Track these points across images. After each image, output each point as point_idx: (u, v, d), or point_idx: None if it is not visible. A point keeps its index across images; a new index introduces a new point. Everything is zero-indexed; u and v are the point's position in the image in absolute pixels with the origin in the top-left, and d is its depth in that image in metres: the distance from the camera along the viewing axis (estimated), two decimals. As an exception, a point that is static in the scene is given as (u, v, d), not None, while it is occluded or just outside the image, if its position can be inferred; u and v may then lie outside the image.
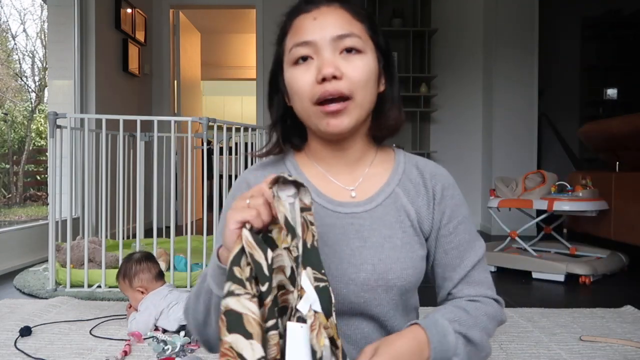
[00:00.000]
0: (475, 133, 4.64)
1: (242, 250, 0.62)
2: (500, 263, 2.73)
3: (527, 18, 4.26)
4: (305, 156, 0.86)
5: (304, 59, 0.74)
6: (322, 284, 0.65)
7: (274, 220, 0.66)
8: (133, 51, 4.05)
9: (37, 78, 4.02)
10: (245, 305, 0.59)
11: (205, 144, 2.69)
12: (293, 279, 0.64)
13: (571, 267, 2.48)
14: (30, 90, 4.13)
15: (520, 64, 4.27)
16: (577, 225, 3.24)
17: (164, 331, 1.64)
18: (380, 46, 0.78)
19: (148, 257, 1.80)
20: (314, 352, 0.61)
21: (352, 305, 0.75)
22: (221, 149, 2.46)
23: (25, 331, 1.62)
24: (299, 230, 0.64)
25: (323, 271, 0.66)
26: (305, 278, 0.64)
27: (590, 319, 1.88)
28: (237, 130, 2.72)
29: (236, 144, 2.88)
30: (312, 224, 0.67)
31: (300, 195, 0.66)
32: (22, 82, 4.08)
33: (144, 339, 1.59)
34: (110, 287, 2.23)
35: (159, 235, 3.06)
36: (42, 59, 3.94)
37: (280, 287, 0.64)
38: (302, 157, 0.86)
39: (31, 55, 4.07)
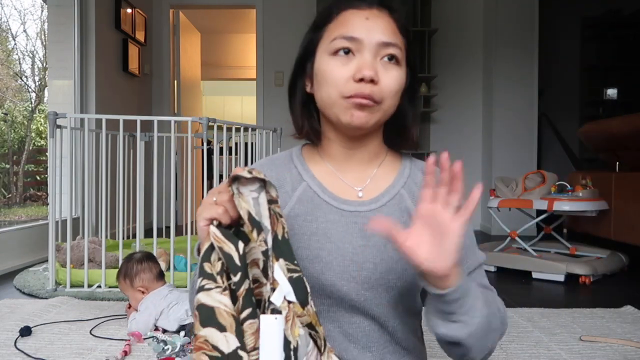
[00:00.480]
0: (475, 133, 4.64)
1: (212, 246, 0.63)
2: (500, 263, 2.73)
3: (527, 18, 4.26)
4: (317, 153, 0.86)
5: (346, 52, 0.74)
6: (295, 275, 0.66)
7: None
8: (133, 51, 4.05)
9: (37, 78, 4.02)
10: (217, 299, 0.60)
11: (205, 144, 2.69)
12: (266, 272, 0.65)
13: (571, 267, 2.48)
14: (30, 90, 4.13)
15: (520, 64, 4.27)
16: (577, 225, 3.24)
17: (164, 331, 1.64)
18: (410, 63, 0.80)
19: (149, 257, 1.80)
20: (288, 343, 0.62)
21: (352, 303, 0.76)
22: (221, 149, 2.46)
23: (25, 331, 1.62)
24: (266, 223, 0.65)
25: (295, 262, 0.67)
26: (278, 270, 0.65)
27: (590, 319, 1.88)
28: (237, 130, 2.72)
29: (236, 144, 2.88)
30: (280, 215, 0.67)
31: (267, 188, 0.66)
32: (22, 82, 4.08)
33: (144, 339, 1.59)
34: (110, 287, 2.23)
35: (159, 235, 3.06)
36: (42, 59, 3.94)
37: (255, 280, 0.65)
38: (312, 153, 0.87)
39: (31, 55, 4.07)
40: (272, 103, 4.62)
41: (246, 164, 2.94)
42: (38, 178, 4.20)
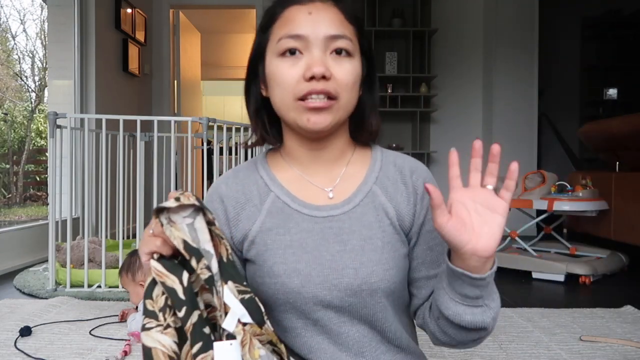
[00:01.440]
0: (475, 133, 4.64)
1: (155, 281, 0.60)
2: (500, 263, 2.73)
3: (527, 18, 4.26)
4: (280, 157, 0.83)
5: (292, 52, 0.71)
6: (247, 296, 0.63)
7: None
8: (133, 51, 4.05)
9: (37, 78, 4.02)
10: (155, 338, 0.58)
11: (205, 144, 2.70)
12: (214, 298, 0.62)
13: (571, 267, 2.48)
14: (30, 90, 4.13)
15: (520, 64, 4.27)
16: (577, 225, 3.24)
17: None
18: (365, 51, 0.77)
19: None
20: None
21: (337, 311, 0.74)
22: (221, 149, 2.46)
23: (25, 331, 1.62)
24: (207, 247, 0.62)
25: (245, 283, 0.64)
26: (229, 293, 0.62)
27: (590, 319, 1.88)
28: (237, 130, 2.72)
29: (236, 144, 2.88)
30: (222, 237, 0.64)
31: (204, 210, 0.63)
32: (22, 82, 4.08)
33: (144, 339, 1.59)
34: (110, 287, 2.23)
35: (159, 235, 3.06)
36: (42, 59, 3.94)
37: (208, 305, 0.62)
38: (276, 158, 0.83)
39: (31, 55, 4.07)
40: (272, 103, 4.62)
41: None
42: (38, 178, 4.20)
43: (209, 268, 0.61)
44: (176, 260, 0.62)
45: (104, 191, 2.35)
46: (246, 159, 2.92)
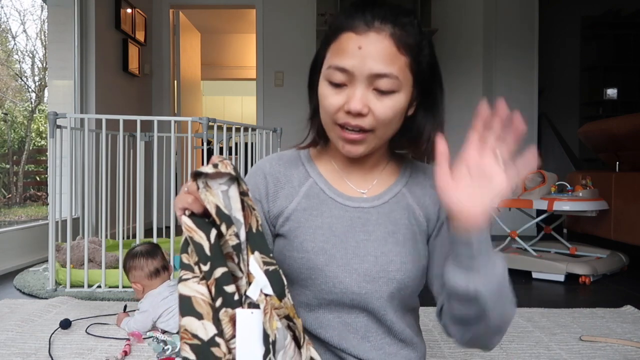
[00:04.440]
0: (475, 133, 4.63)
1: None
2: (500, 263, 2.73)
3: (527, 18, 4.25)
4: (324, 153, 0.88)
5: (337, 85, 0.74)
6: (271, 268, 0.66)
7: None
8: (133, 51, 4.05)
9: (37, 78, 4.02)
10: (193, 288, 0.61)
11: (205, 144, 2.70)
12: (240, 266, 0.64)
13: (571, 267, 2.48)
14: (30, 90, 4.13)
15: (520, 63, 4.26)
16: (577, 225, 3.24)
17: (164, 332, 1.64)
18: (419, 79, 0.77)
19: (148, 253, 1.76)
20: (266, 336, 0.62)
21: (353, 296, 0.78)
22: (221, 149, 2.46)
23: (66, 324, 1.68)
24: (238, 216, 0.64)
25: (271, 255, 0.67)
26: (254, 262, 0.65)
27: (590, 319, 1.88)
28: (237, 130, 2.72)
29: (236, 144, 2.88)
30: (253, 208, 0.67)
31: (239, 181, 0.65)
32: (22, 82, 4.08)
33: (144, 338, 1.59)
34: (110, 287, 2.23)
35: (159, 235, 3.06)
36: (42, 59, 3.94)
37: (232, 274, 0.64)
38: (319, 153, 0.89)
39: (31, 56, 4.07)
40: (272, 103, 4.62)
41: (246, 164, 2.94)
42: (38, 178, 4.20)
43: (237, 235, 0.63)
44: (207, 219, 0.64)
45: (104, 191, 2.35)
46: (246, 159, 2.92)
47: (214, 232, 0.62)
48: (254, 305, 0.63)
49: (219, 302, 0.61)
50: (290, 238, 0.80)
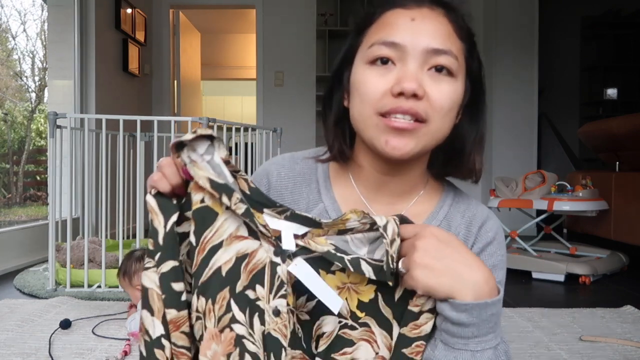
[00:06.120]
0: (475, 133, 4.63)
1: None
2: (500, 263, 2.73)
3: (527, 18, 4.25)
4: (347, 172, 0.73)
5: (384, 61, 0.62)
6: (288, 212, 0.60)
7: (186, 182, 0.59)
8: (133, 51, 4.04)
9: (37, 78, 4.02)
10: (152, 279, 0.56)
11: (205, 144, 2.69)
12: (255, 233, 0.59)
13: (571, 267, 2.47)
14: (30, 90, 4.13)
15: (520, 63, 4.26)
16: (577, 225, 3.23)
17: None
18: (472, 73, 0.66)
19: None
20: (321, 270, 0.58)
21: None
22: (221, 149, 2.45)
23: (66, 324, 1.68)
24: (231, 182, 0.58)
25: (278, 204, 0.61)
26: (270, 219, 0.60)
27: (590, 319, 1.88)
28: (237, 130, 2.72)
29: (236, 144, 2.87)
30: (237, 171, 0.61)
31: (216, 147, 0.59)
32: (22, 82, 4.08)
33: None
34: (110, 287, 2.23)
35: (159, 235, 3.05)
36: (42, 59, 3.94)
37: (244, 256, 0.58)
38: (341, 170, 0.74)
39: (31, 55, 4.07)
40: (272, 103, 4.61)
41: (246, 164, 2.94)
42: (38, 178, 4.19)
43: (243, 201, 0.56)
44: (174, 201, 0.58)
45: (104, 191, 2.35)
46: (246, 159, 2.92)
47: (173, 219, 0.56)
48: (294, 255, 0.58)
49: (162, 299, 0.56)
50: None
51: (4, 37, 3.72)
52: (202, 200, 0.57)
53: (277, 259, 0.58)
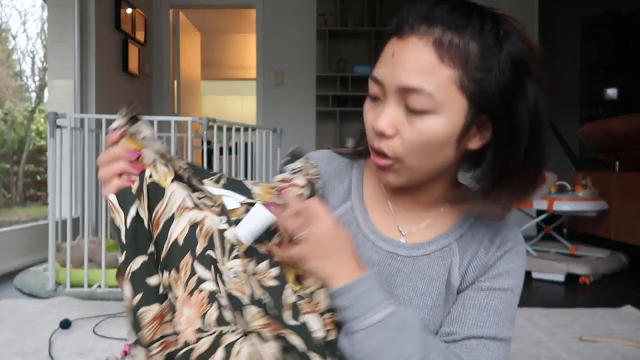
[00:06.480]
0: (475, 133, 4.63)
1: None
2: (500, 263, 2.73)
3: (527, 18, 4.25)
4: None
5: (373, 98, 0.64)
6: (225, 180, 0.64)
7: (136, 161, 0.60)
8: (133, 51, 4.05)
9: (37, 78, 4.02)
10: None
11: (205, 144, 2.69)
12: (199, 192, 0.63)
13: (571, 267, 2.48)
14: (30, 90, 4.13)
15: (520, 64, 4.26)
16: (577, 225, 3.24)
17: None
18: (481, 103, 0.59)
19: None
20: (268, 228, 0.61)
21: None
22: (221, 149, 2.46)
23: (66, 324, 1.69)
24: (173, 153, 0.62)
25: (212, 172, 0.64)
26: (210, 188, 0.62)
27: (590, 319, 1.88)
28: (237, 130, 2.72)
29: (236, 144, 2.87)
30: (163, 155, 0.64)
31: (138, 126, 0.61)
32: (22, 82, 4.09)
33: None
34: (110, 287, 2.23)
35: (159, 235, 3.05)
36: (42, 59, 3.94)
37: (195, 224, 0.60)
38: (373, 173, 0.75)
39: (31, 55, 4.07)
40: (272, 103, 4.62)
41: (246, 164, 2.94)
42: (38, 178, 4.19)
43: (188, 169, 0.62)
44: (132, 191, 0.58)
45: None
46: (246, 160, 2.92)
47: (132, 212, 0.55)
48: (247, 204, 0.61)
49: (137, 298, 0.54)
50: None
51: (4, 37, 3.72)
52: (150, 176, 0.58)
53: (224, 225, 0.59)
